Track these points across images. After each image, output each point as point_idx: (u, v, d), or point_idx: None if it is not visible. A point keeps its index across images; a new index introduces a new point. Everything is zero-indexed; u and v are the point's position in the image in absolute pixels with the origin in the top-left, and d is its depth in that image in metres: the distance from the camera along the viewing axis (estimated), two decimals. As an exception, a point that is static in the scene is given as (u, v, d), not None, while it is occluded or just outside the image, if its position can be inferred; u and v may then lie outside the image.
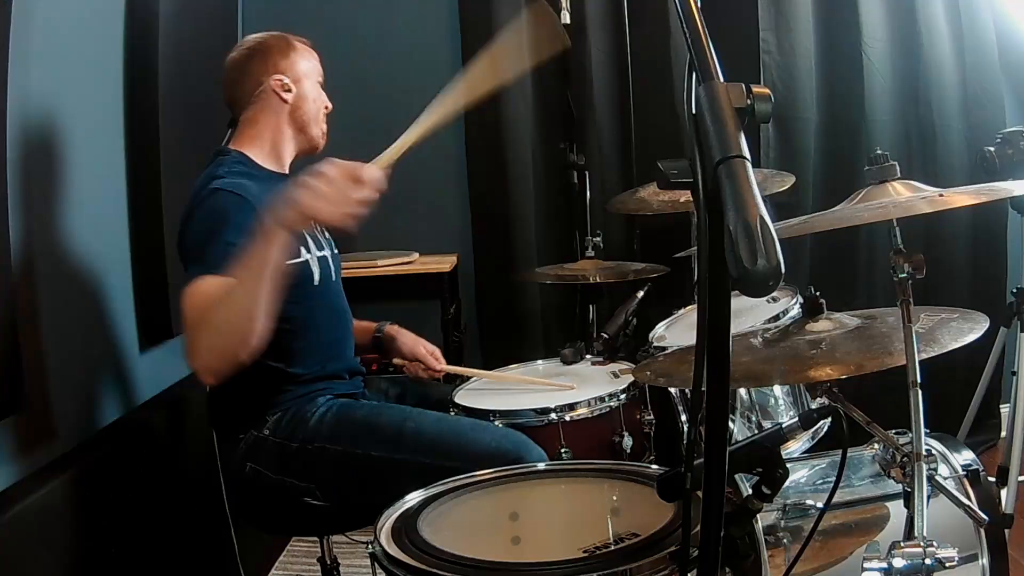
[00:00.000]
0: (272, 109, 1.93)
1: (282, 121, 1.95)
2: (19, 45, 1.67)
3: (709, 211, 0.78)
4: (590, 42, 3.01)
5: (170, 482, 2.15)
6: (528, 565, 1.19)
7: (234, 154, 1.90)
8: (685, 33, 0.85)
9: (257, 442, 1.81)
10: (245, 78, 1.93)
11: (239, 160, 1.89)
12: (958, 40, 3.01)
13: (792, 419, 1.27)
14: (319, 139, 2.01)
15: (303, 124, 1.97)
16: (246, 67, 1.93)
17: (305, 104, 1.96)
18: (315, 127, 1.99)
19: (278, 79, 1.92)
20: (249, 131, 1.94)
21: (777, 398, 1.96)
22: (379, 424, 1.82)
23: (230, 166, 1.85)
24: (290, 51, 1.95)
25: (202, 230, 1.70)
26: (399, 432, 1.79)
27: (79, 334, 2.00)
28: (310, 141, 2.00)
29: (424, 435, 1.78)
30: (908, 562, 1.21)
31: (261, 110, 1.93)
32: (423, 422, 1.82)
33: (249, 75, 1.92)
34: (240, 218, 1.66)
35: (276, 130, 1.94)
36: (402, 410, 1.90)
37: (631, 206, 2.70)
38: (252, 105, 1.93)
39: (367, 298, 2.07)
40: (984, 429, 3.05)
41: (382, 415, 1.86)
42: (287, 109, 1.94)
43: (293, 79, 1.94)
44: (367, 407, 1.91)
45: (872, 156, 1.49)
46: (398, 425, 1.80)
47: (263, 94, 1.92)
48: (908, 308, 1.37)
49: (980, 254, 3.11)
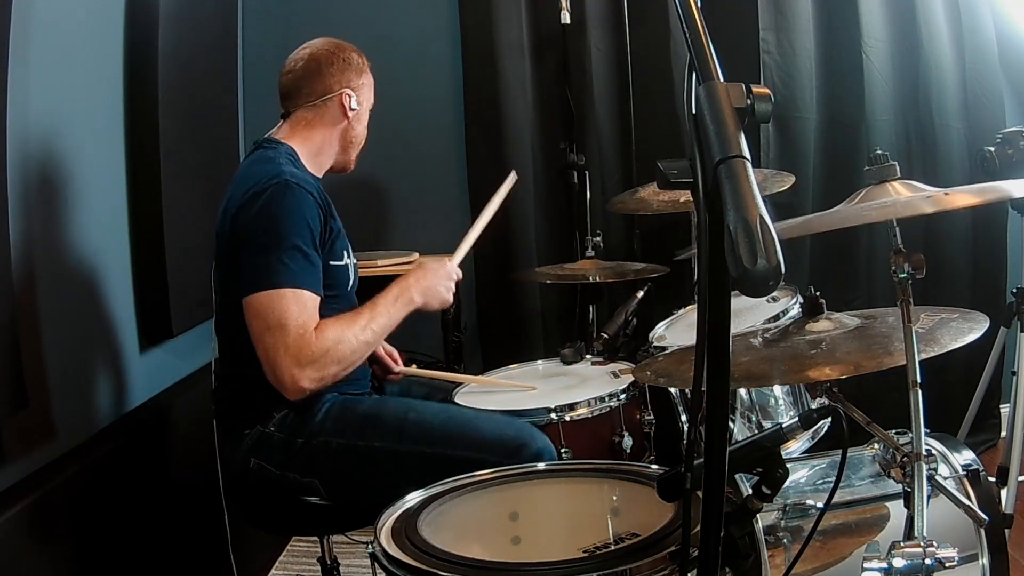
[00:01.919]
0: (330, 119, 1.94)
1: (334, 134, 1.96)
2: (19, 46, 1.67)
3: (709, 211, 0.78)
4: (590, 42, 3.01)
5: (170, 482, 2.15)
6: (528, 565, 1.20)
7: (287, 147, 1.90)
8: (685, 33, 0.85)
9: (263, 438, 1.81)
10: (318, 79, 1.92)
11: (291, 154, 1.89)
12: (958, 40, 3.01)
13: (792, 419, 1.27)
14: (353, 163, 2.05)
15: (348, 144, 1.99)
16: (324, 69, 1.92)
17: (359, 127, 2.00)
18: (354, 151, 2.02)
19: (349, 94, 1.93)
20: (302, 130, 1.94)
21: (777, 398, 1.96)
22: (382, 415, 1.82)
23: (287, 158, 1.86)
24: (364, 73, 1.99)
25: (281, 228, 1.72)
26: (402, 423, 1.79)
27: (79, 334, 2.00)
28: (346, 163, 2.03)
29: (427, 425, 1.79)
30: (908, 562, 1.21)
31: (320, 116, 1.94)
32: (425, 412, 1.83)
33: (323, 77, 1.92)
34: (313, 220, 1.76)
35: (326, 140, 1.96)
36: (404, 402, 1.91)
37: (631, 206, 2.70)
38: (314, 107, 1.93)
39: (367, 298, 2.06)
40: (984, 429, 3.05)
41: (384, 407, 1.87)
42: (343, 125, 1.96)
43: (359, 100, 1.96)
44: (369, 400, 1.92)
45: (872, 156, 1.49)
46: (401, 416, 1.81)
47: (329, 102, 1.93)
48: (908, 308, 1.37)
49: (980, 254, 3.11)
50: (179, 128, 2.31)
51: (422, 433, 1.77)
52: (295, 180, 1.76)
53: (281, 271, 1.70)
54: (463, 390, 2.16)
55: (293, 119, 1.95)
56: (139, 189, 2.25)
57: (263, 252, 1.71)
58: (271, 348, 1.69)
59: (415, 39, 3.14)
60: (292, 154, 1.89)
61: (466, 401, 2.04)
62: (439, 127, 3.15)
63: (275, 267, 1.70)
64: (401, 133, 3.13)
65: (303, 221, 1.74)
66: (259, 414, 1.82)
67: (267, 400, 1.80)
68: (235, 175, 1.90)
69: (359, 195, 3.17)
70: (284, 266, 1.70)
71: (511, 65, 3.01)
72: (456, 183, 3.16)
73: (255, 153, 1.91)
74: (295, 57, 1.96)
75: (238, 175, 1.88)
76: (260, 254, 1.71)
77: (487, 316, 3.16)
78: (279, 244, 1.71)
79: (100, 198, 2.14)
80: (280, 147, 1.89)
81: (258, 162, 1.85)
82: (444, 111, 3.13)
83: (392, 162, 3.15)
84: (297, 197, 1.75)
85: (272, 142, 1.91)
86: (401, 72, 3.10)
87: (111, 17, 2.18)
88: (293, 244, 1.72)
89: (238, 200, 1.78)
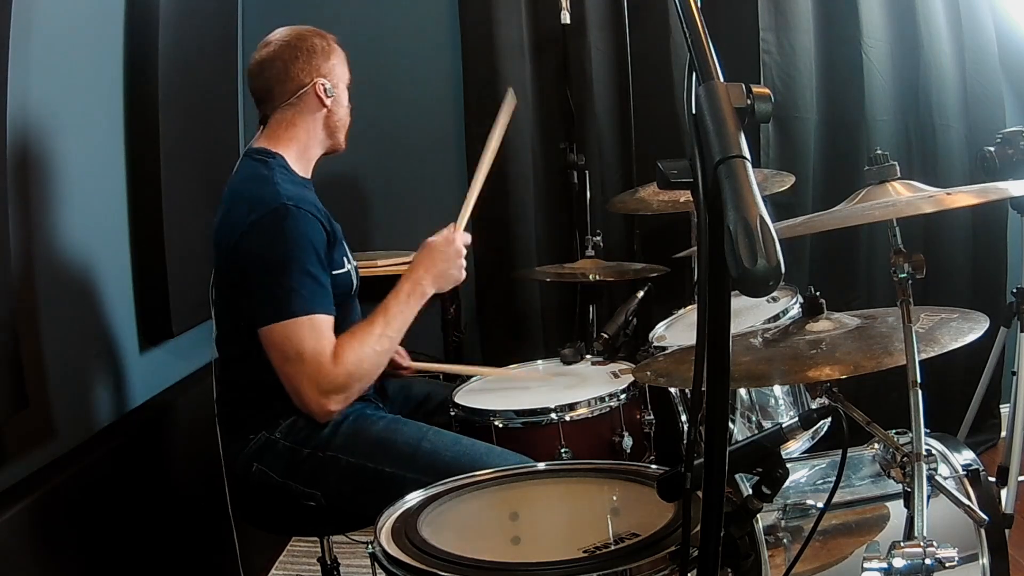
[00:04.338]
0: (310, 111, 1.90)
1: (317, 124, 1.92)
2: (19, 45, 1.67)
3: (709, 211, 0.78)
4: (590, 42, 3.01)
5: (170, 482, 2.15)
6: (528, 565, 1.19)
7: (279, 159, 1.88)
8: (685, 33, 0.85)
9: (268, 444, 1.80)
10: (287, 77, 1.87)
11: (284, 166, 1.87)
12: (958, 40, 3.01)
13: (792, 419, 1.27)
14: (343, 143, 2.00)
15: (334, 129, 1.96)
16: (290, 66, 1.87)
17: (340, 110, 1.95)
18: (342, 132, 1.98)
19: (322, 83, 1.89)
20: (284, 132, 1.90)
21: (777, 398, 1.96)
22: (395, 441, 1.80)
23: (281, 172, 1.84)
24: (331, 53, 1.93)
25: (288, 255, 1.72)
26: (415, 451, 1.77)
27: (79, 334, 2.00)
28: (336, 145, 1.99)
29: (439, 457, 1.76)
30: (908, 562, 1.21)
31: (298, 112, 1.90)
32: (439, 443, 1.80)
33: (292, 74, 1.87)
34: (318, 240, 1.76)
35: (310, 134, 1.92)
36: (419, 427, 1.86)
37: (631, 206, 2.70)
38: (291, 107, 1.89)
39: (367, 298, 2.07)
40: (984, 429, 3.05)
41: (399, 431, 1.83)
42: (323, 113, 1.92)
43: (333, 83, 1.91)
44: (384, 420, 1.88)
45: (872, 156, 1.49)
46: (414, 444, 1.79)
47: (305, 96, 1.88)
48: (908, 308, 1.37)
49: (980, 254, 3.10)
50: (179, 128, 2.31)
51: (431, 464, 1.73)
52: (294, 203, 1.75)
53: (293, 299, 1.70)
54: (463, 389, 2.16)
55: (274, 122, 1.91)
56: (139, 189, 2.25)
57: (273, 281, 1.72)
58: (293, 378, 1.72)
59: (415, 39, 3.14)
60: (284, 165, 1.87)
61: (467, 400, 2.03)
62: (439, 127, 3.15)
63: (287, 295, 1.70)
64: (401, 133, 3.14)
65: (308, 244, 1.74)
66: (265, 420, 1.82)
67: (273, 406, 1.79)
68: (230, 186, 1.88)
69: (359, 195, 3.17)
70: (296, 293, 1.70)
71: (511, 65, 3.00)
72: (456, 183, 3.16)
73: (248, 166, 1.87)
74: (258, 58, 1.90)
75: (234, 189, 1.86)
76: (270, 283, 1.72)
77: (487, 316, 3.16)
78: (288, 271, 1.71)
79: (100, 198, 2.14)
80: (272, 160, 1.86)
81: (254, 181, 1.82)
82: (444, 111, 3.13)
83: (392, 162, 3.15)
84: (299, 220, 1.74)
85: (262, 153, 1.88)
86: (401, 72, 3.11)
87: (111, 17, 2.18)
88: (302, 269, 1.72)
89: (239, 226, 1.76)
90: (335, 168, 2.95)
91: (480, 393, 2.13)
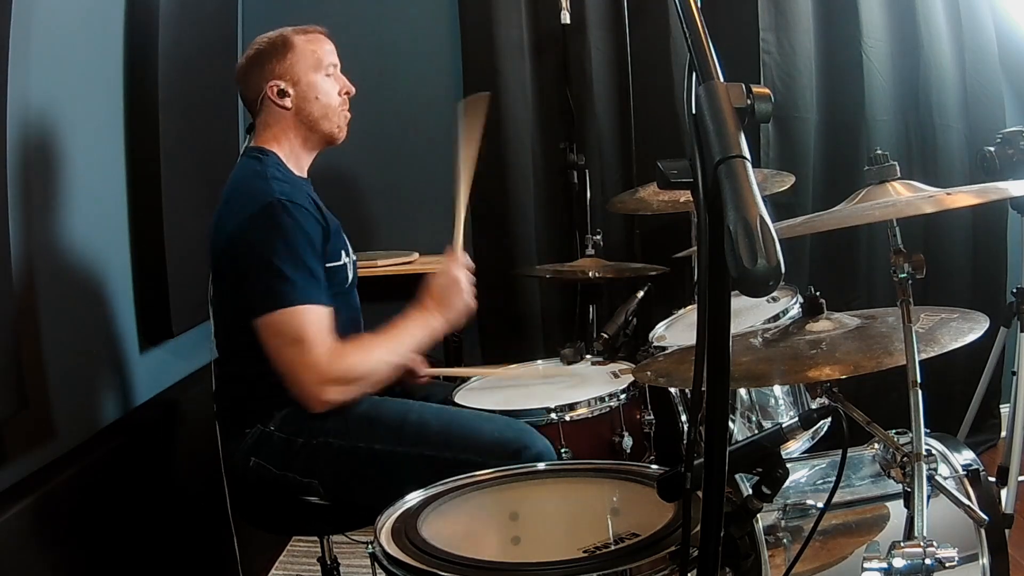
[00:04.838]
0: (277, 115, 1.93)
1: (291, 124, 1.94)
2: (19, 45, 1.67)
3: (709, 211, 0.78)
4: (590, 42, 3.01)
5: (170, 482, 2.15)
6: (528, 565, 1.19)
7: (273, 156, 1.91)
8: (685, 33, 0.85)
9: (263, 437, 1.81)
10: (248, 88, 1.95)
11: (278, 163, 1.90)
12: (958, 40, 3.01)
13: (792, 419, 1.27)
14: (336, 133, 1.98)
15: (312, 123, 1.94)
16: (247, 76, 1.94)
17: (309, 104, 1.93)
18: (327, 122, 1.95)
19: (273, 85, 1.91)
20: (268, 134, 1.94)
21: (777, 398, 1.96)
22: (381, 417, 1.82)
23: (274, 169, 1.87)
24: (287, 51, 1.92)
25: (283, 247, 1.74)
26: (401, 424, 1.80)
27: (79, 334, 2.00)
28: (325, 137, 1.98)
29: (426, 427, 1.79)
30: (908, 562, 1.21)
31: (269, 116, 1.94)
32: (425, 414, 1.83)
33: (250, 85, 1.94)
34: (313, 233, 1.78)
35: (288, 133, 1.94)
36: (404, 403, 1.90)
37: (631, 206, 2.70)
38: (262, 112, 1.95)
39: (367, 298, 2.07)
40: (984, 429, 3.05)
41: (384, 408, 1.86)
42: (291, 113, 1.93)
43: (292, 81, 1.91)
44: (368, 401, 1.90)
45: (872, 156, 1.49)
46: (400, 417, 1.81)
47: (265, 102, 1.93)
48: (908, 308, 1.37)
49: (980, 254, 3.10)
50: (179, 128, 2.31)
51: (421, 435, 1.77)
52: (287, 198, 1.77)
53: (291, 289, 1.72)
54: (464, 389, 2.16)
55: (258, 125, 1.97)
56: (139, 189, 2.25)
57: (269, 273, 1.73)
58: (292, 363, 1.72)
59: (415, 39, 3.14)
60: (278, 163, 1.90)
61: (467, 400, 2.03)
62: (439, 127, 3.14)
63: (284, 286, 1.72)
64: (401, 133, 3.14)
65: (303, 237, 1.76)
66: (260, 413, 1.83)
67: (268, 399, 1.81)
68: (228, 184, 1.90)
69: (359, 195, 3.17)
70: (293, 283, 1.72)
71: (511, 65, 3.01)
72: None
73: (245, 164, 1.91)
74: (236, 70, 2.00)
75: (231, 187, 1.89)
76: (267, 275, 1.73)
77: (487, 316, 3.15)
78: (284, 262, 1.73)
79: (100, 198, 2.14)
80: (266, 157, 1.89)
81: (249, 177, 1.86)
82: (444, 111, 3.13)
83: (392, 162, 3.15)
84: (293, 214, 1.76)
85: (257, 151, 1.92)
86: (401, 72, 3.11)
87: (111, 17, 2.18)
88: (297, 261, 1.74)
89: (235, 221, 1.80)
90: (335, 167, 2.96)
91: (480, 393, 2.13)
